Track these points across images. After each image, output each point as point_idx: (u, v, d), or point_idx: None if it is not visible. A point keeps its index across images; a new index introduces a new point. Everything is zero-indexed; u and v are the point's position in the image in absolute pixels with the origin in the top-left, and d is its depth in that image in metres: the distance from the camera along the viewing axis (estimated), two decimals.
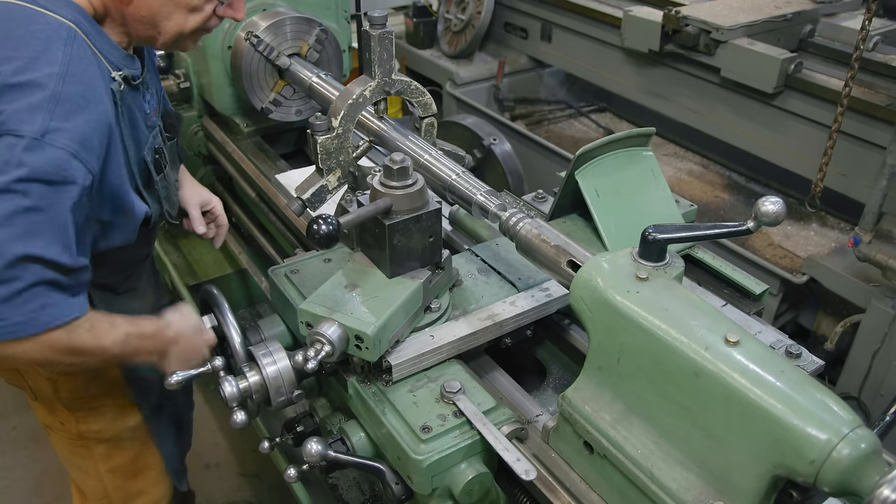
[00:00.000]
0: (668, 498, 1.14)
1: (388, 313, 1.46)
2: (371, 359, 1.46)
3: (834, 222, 3.58)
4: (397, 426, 1.43)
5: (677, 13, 3.53)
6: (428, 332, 1.58)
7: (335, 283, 1.55)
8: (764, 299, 1.77)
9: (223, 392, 1.48)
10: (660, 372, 1.16)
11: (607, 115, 4.89)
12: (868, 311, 2.88)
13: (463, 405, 1.42)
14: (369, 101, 1.95)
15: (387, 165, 1.51)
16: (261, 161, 2.94)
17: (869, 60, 3.14)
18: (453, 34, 4.96)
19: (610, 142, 1.78)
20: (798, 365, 1.45)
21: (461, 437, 1.39)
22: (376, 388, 1.52)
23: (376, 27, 1.88)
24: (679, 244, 1.77)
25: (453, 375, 1.53)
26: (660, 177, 1.84)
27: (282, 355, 1.53)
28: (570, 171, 1.75)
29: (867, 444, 0.96)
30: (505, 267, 1.79)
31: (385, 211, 1.49)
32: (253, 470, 3.24)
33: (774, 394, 1.02)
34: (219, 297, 1.74)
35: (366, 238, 1.61)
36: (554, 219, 1.87)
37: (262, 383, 1.51)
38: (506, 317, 1.64)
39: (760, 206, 1.20)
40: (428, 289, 1.59)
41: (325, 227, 1.31)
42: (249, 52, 2.68)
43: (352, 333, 1.43)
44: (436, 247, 1.60)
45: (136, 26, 1.60)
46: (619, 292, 1.22)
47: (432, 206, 1.56)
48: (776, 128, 3.46)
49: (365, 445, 1.58)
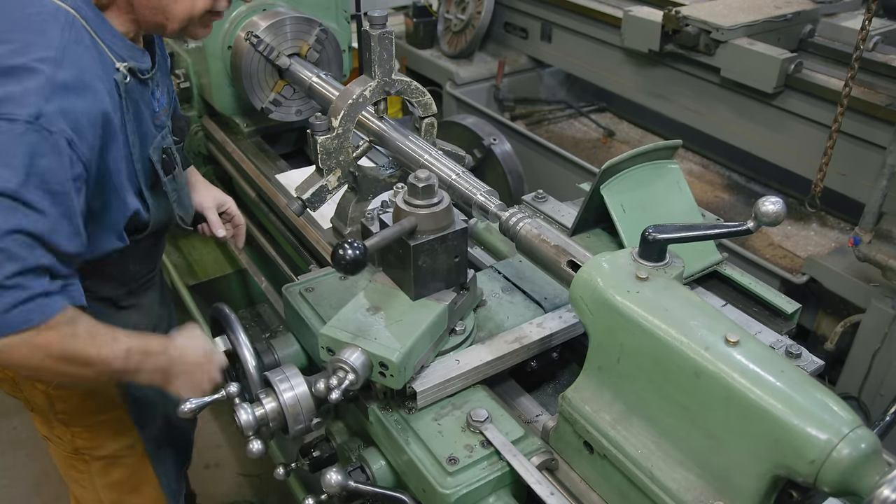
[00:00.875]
0: (668, 498, 1.14)
1: (414, 338, 1.39)
2: (396, 386, 1.39)
3: (834, 222, 3.58)
4: (422, 457, 1.36)
5: (677, 13, 3.53)
6: (453, 357, 1.51)
7: (357, 305, 1.48)
8: (795, 319, 1.69)
9: (239, 420, 1.42)
10: (660, 372, 1.16)
11: (607, 115, 4.89)
12: (868, 311, 2.88)
13: (491, 435, 1.36)
14: (369, 101, 1.95)
15: (411, 183, 1.44)
16: (261, 161, 2.95)
17: (869, 60, 3.14)
18: (453, 34, 4.96)
19: (636, 155, 1.72)
20: (798, 365, 1.45)
21: (490, 469, 1.33)
22: (399, 416, 1.45)
23: (376, 27, 1.88)
24: (704, 261, 1.73)
25: (479, 402, 1.46)
26: (686, 190, 1.79)
27: (299, 380, 1.46)
28: (596, 185, 1.69)
29: (867, 444, 0.96)
30: (530, 286, 1.73)
31: (410, 231, 1.43)
32: (253, 470, 3.24)
33: (774, 394, 1.02)
34: (231, 318, 1.67)
35: (388, 258, 1.54)
36: (577, 233, 1.81)
37: (280, 410, 1.44)
38: (533, 339, 1.57)
39: (760, 206, 1.20)
40: (453, 311, 1.52)
41: (352, 252, 1.24)
42: (249, 52, 2.68)
43: (376, 360, 1.37)
44: (461, 267, 1.54)
45: (143, 12, 1.55)
46: (619, 292, 1.22)
47: (458, 226, 1.49)
48: (776, 128, 3.46)
49: (386, 474, 1.50)
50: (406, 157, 1.97)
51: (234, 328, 1.66)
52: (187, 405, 1.46)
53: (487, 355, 1.52)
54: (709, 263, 1.76)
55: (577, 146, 4.53)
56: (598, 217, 1.78)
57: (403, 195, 1.47)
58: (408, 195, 1.46)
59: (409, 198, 1.45)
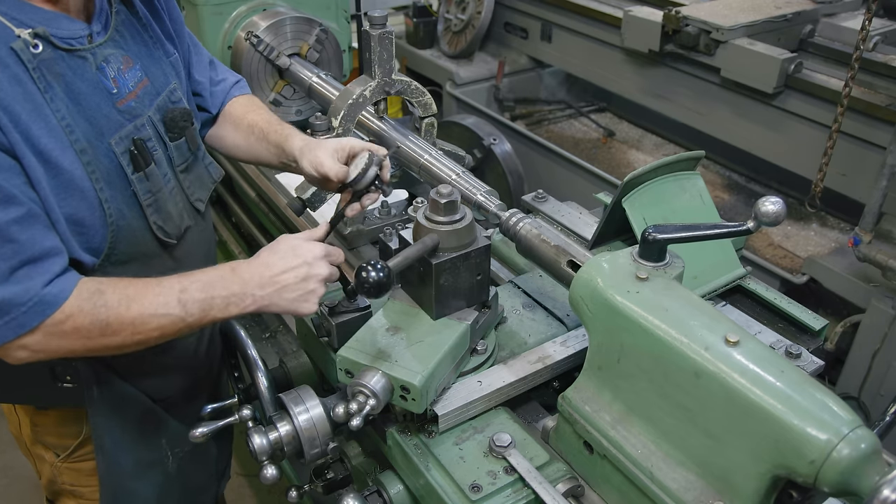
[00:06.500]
0: (668, 498, 1.14)
1: (436, 360, 1.34)
2: (418, 410, 1.34)
3: (834, 222, 3.58)
4: (444, 484, 1.31)
5: (677, 13, 3.53)
6: (475, 378, 1.46)
7: (376, 325, 1.43)
8: (823, 335, 1.65)
9: (252, 445, 1.36)
10: (660, 372, 1.16)
11: (607, 115, 4.89)
12: (868, 311, 2.88)
13: (515, 461, 1.31)
14: (369, 101, 1.96)
15: (433, 199, 1.39)
16: None
17: (869, 60, 3.14)
18: (453, 34, 4.96)
19: (658, 167, 1.68)
20: (798, 365, 1.45)
21: (514, 497, 1.28)
22: (418, 440, 1.40)
23: (376, 27, 1.88)
24: (728, 276, 1.69)
25: (501, 426, 1.42)
26: (709, 203, 1.74)
27: (314, 402, 1.41)
28: (617, 197, 1.65)
29: (867, 444, 0.96)
30: (551, 302, 1.68)
31: (432, 249, 1.38)
32: (253, 470, 3.24)
33: (774, 394, 1.02)
34: (241, 335, 1.61)
35: (408, 276, 1.48)
36: (597, 246, 1.75)
37: (294, 434, 1.38)
38: (557, 359, 1.52)
39: (760, 206, 1.20)
40: (475, 330, 1.47)
41: (376, 274, 1.19)
42: (249, 52, 2.68)
43: (397, 384, 1.31)
44: (483, 285, 1.49)
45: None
46: (619, 292, 1.22)
47: (481, 243, 1.44)
48: (776, 128, 3.46)
49: (404, 499, 1.45)
50: (406, 157, 1.97)
51: (245, 346, 1.61)
52: (198, 430, 1.42)
53: (510, 376, 1.47)
54: (732, 278, 1.71)
55: (577, 146, 4.53)
56: (619, 230, 1.73)
57: (424, 211, 1.42)
58: (429, 211, 1.41)
59: (430, 214, 1.40)
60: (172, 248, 1.58)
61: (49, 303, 1.26)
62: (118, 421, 1.63)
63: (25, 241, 1.24)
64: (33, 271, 1.26)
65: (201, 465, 1.91)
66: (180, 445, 1.78)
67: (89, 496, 1.77)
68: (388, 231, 1.65)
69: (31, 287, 1.25)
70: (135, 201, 1.45)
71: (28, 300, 1.25)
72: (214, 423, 1.44)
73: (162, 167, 1.52)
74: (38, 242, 1.27)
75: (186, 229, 1.62)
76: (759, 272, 3.11)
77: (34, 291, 1.25)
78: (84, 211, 1.36)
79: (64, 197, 1.32)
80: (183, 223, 1.60)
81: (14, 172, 1.24)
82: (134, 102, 1.46)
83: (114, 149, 1.40)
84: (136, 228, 1.47)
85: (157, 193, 1.50)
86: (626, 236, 1.75)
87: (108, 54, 1.42)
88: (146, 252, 1.52)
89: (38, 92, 1.27)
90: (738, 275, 1.72)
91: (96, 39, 1.40)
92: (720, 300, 1.71)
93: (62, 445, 1.71)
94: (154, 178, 1.49)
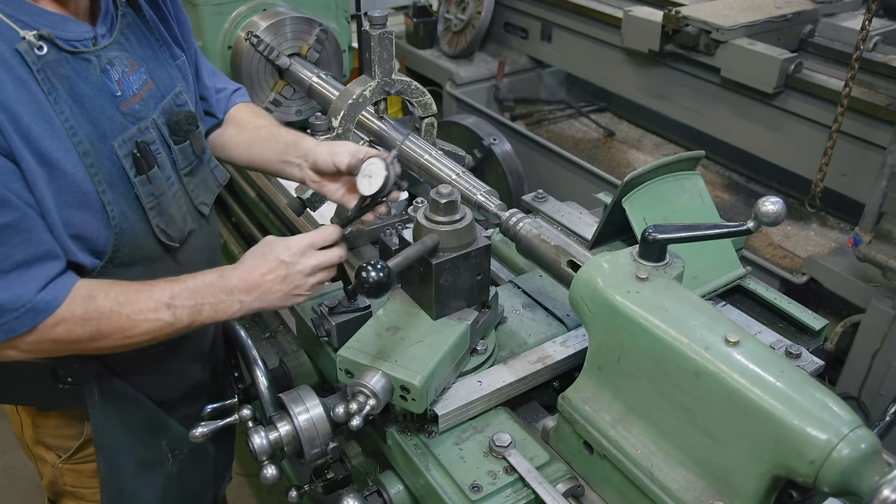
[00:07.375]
0: (668, 498, 1.14)
1: (436, 361, 1.35)
2: (418, 411, 1.35)
3: (834, 222, 3.58)
4: (444, 484, 1.31)
5: (677, 13, 3.53)
6: (475, 378, 1.46)
7: (376, 325, 1.43)
8: (823, 335, 1.65)
9: (252, 445, 1.37)
10: (660, 372, 1.16)
11: (607, 115, 4.89)
12: (868, 311, 2.88)
13: (515, 461, 1.32)
14: (369, 101, 1.96)
15: (433, 199, 1.39)
16: None
17: (869, 60, 3.14)
18: (453, 34, 4.96)
19: (658, 167, 1.68)
20: (798, 365, 1.45)
21: (514, 497, 1.29)
22: (418, 440, 1.40)
23: (376, 27, 1.88)
24: (727, 276, 1.69)
25: (501, 426, 1.42)
26: (709, 203, 1.73)
27: (314, 402, 1.41)
28: (617, 197, 1.65)
29: (867, 444, 0.96)
30: (551, 302, 1.68)
31: (432, 249, 1.39)
32: (253, 470, 3.24)
33: (774, 394, 1.02)
34: (241, 335, 1.61)
35: (408, 275, 1.49)
36: (597, 246, 1.75)
37: (294, 434, 1.39)
38: (557, 359, 1.52)
39: (760, 206, 1.20)
40: (475, 330, 1.48)
41: (376, 274, 1.19)
42: (249, 52, 2.68)
43: (397, 384, 1.32)
44: (483, 285, 1.49)
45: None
46: (619, 292, 1.22)
47: (481, 243, 1.44)
48: (776, 128, 3.46)
49: (404, 499, 1.46)
50: (406, 157, 1.97)
51: (245, 347, 1.61)
52: (198, 430, 1.43)
53: (510, 376, 1.48)
54: (732, 278, 1.71)
55: (577, 146, 4.53)
56: (619, 230, 1.74)
57: (424, 211, 1.42)
58: (429, 211, 1.41)
59: (430, 214, 1.40)
60: (176, 252, 1.58)
61: (41, 310, 1.27)
62: (119, 422, 1.63)
63: (18, 245, 1.25)
64: (27, 275, 1.26)
65: (202, 466, 1.91)
66: (181, 447, 1.78)
67: (91, 498, 1.77)
68: (388, 231, 1.65)
69: (24, 293, 1.26)
70: (137, 204, 1.45)
71: (21, 306, 1.25)
72: (214, 423, 1.44)
73: (165, 170, 1.51)
74: (33, 246, 1.27)
75: (190, 233, 1.62)
76: (759, 272, 3.11)
77: (27, 298, 1.26)
78: (86, 213, 1.36)
79: (66, 199, 1.32)
80: (186, 226, 1.60)
81: (11, 176, 1.24)
82: (138, 105, 1.46)
83: (116, 151, 1.39)
84: (138, 231, 1.47)
85: (160, 196, 1.50)
86: (626, 236, 1.75)
87: (113, 57, 1.42)
88: (149, 255, 1.52)
89: (42, 94, 1.27)
90: (738, 275, 1.72)
91: (101, 42, 1.40)
92: (720, 300, 1.72)
93: (63, 447, 1.71)
94: (157, 182, 1.48)
